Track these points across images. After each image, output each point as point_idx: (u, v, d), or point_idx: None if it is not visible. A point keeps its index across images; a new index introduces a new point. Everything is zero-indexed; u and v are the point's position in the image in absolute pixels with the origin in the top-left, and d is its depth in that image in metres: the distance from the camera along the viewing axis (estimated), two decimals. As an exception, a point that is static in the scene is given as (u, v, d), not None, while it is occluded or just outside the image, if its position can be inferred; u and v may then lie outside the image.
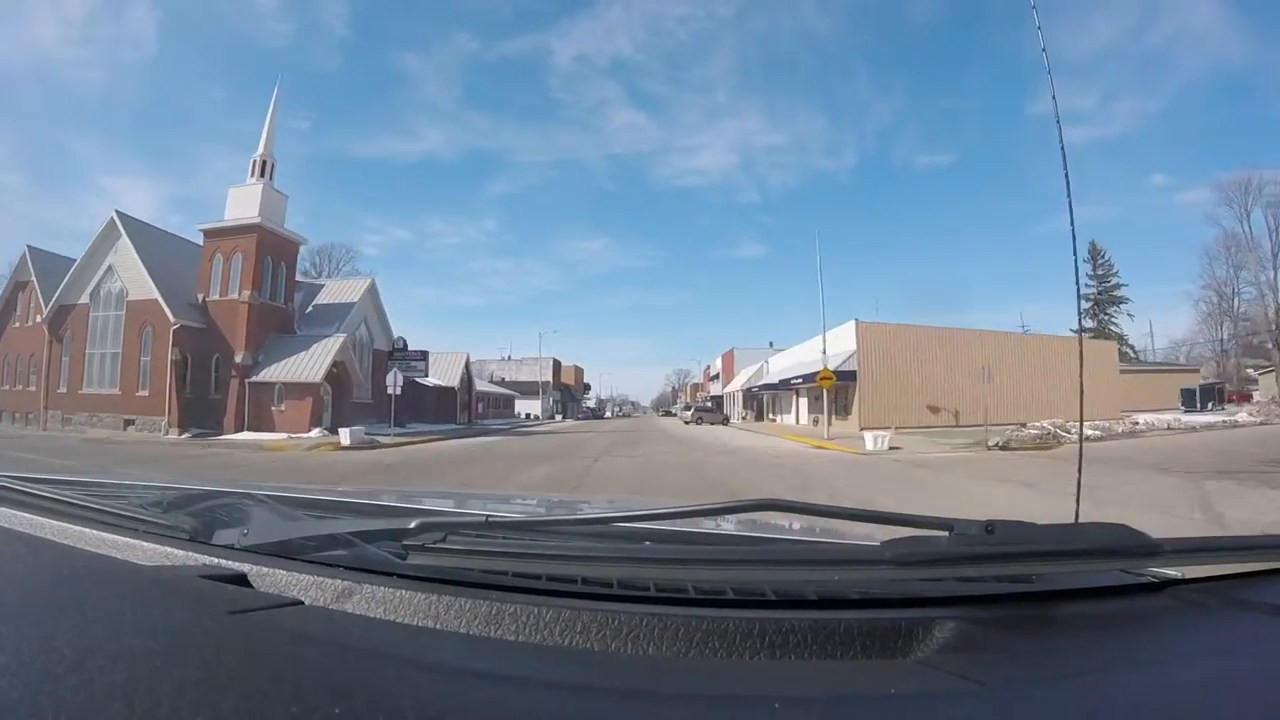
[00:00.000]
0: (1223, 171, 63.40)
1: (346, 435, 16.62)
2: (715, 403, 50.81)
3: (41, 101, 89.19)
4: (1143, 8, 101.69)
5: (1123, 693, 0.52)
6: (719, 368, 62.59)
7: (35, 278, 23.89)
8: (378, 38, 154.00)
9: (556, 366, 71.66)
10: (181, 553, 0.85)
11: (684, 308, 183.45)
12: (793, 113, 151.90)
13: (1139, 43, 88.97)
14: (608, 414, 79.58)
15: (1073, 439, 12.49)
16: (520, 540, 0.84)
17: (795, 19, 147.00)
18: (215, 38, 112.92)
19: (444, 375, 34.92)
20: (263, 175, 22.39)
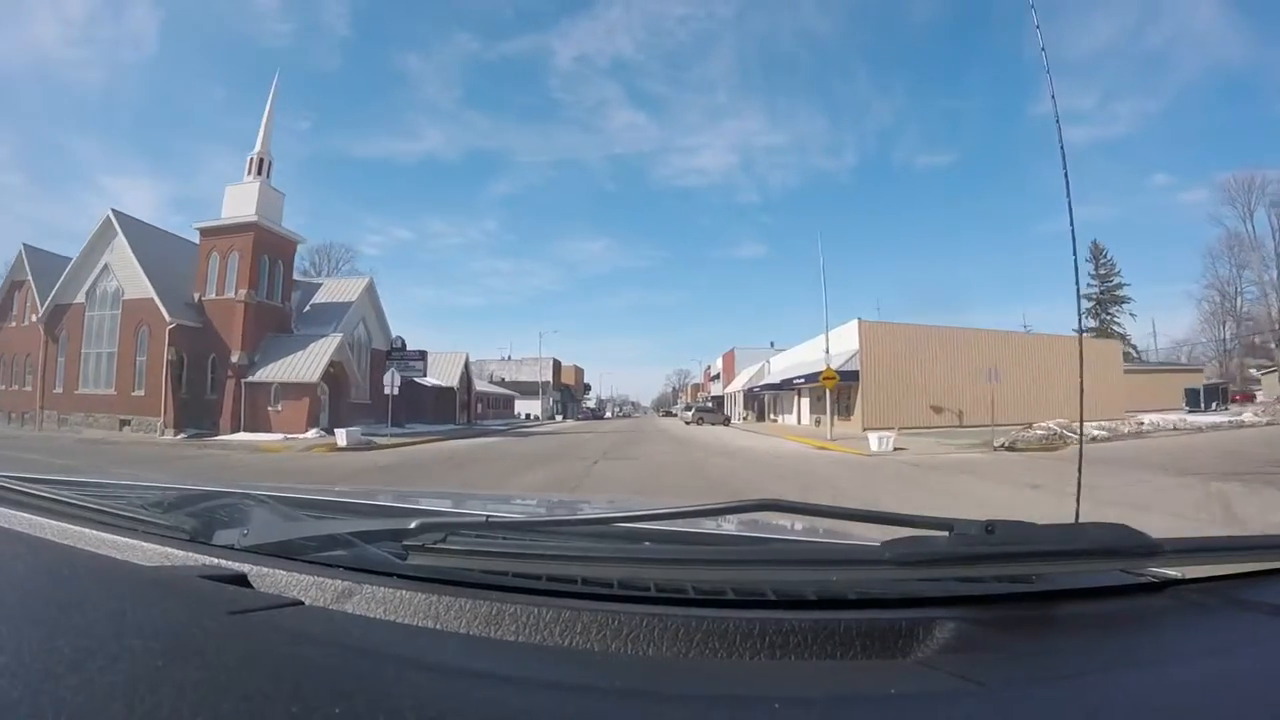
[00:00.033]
0: (1224, 171, 63.86)
1: (343, 436, 16.55)
2: (716, 403, 50.82)
3: (42, 101, 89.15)
4: (1143, 8, 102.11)
5: (1123, 693, 0.53)
6: (719, 368, 62.58)
7: (31, 277, 23.79)
8: (378, 38, 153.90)
9: (556, 367, 71.66)
10: (181, 553, 0.85)
11: (684, 308, 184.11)
12: (793, 113, 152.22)
13: (1139, 43, 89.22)
14: (608, 414, 79.55)
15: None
16: (520, 540, 0.84)
17: (795, 19, 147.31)
18: (215, 38, 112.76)
19: (443, 375, 34.88)
20: (259, 173, 22.27)
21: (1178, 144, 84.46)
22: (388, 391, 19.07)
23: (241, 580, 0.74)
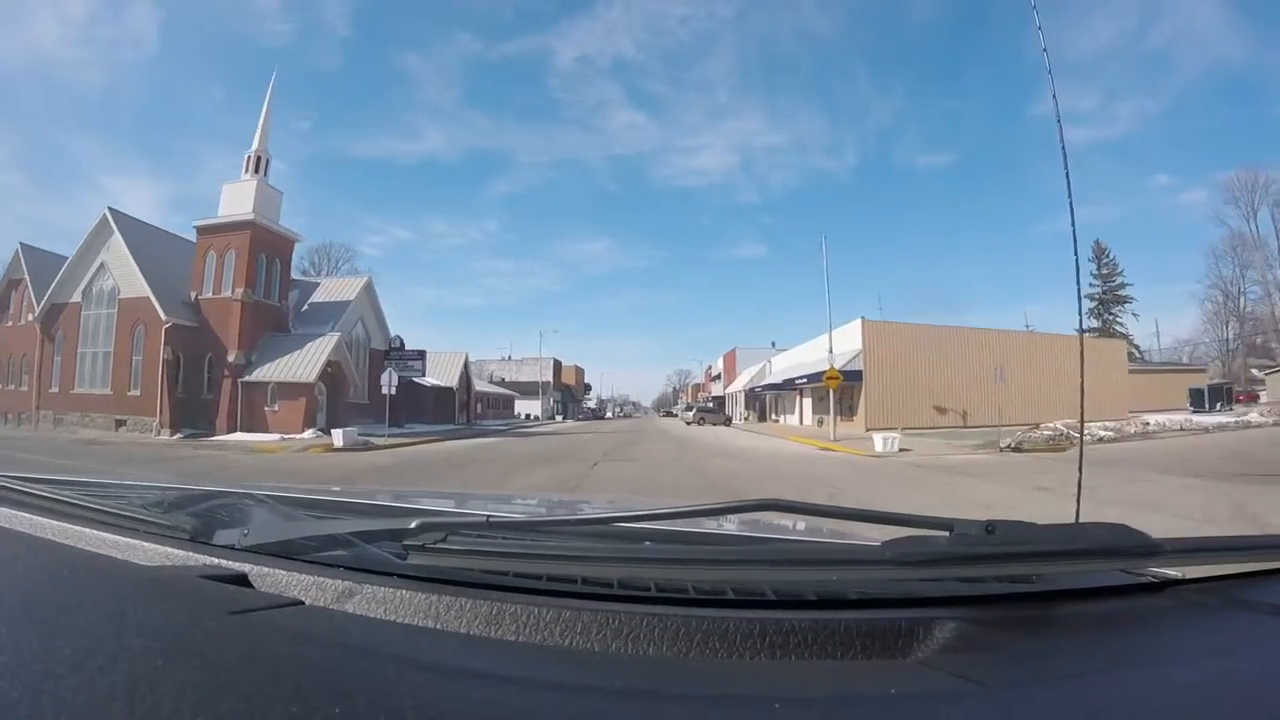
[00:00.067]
0: (1225, 171, 63.91)
1: (339, 436, 16.41)
2: (717, 403, 50.84)
3: (42, 101, 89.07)
4: (1143, 8, 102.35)
5: (1123, 693, 0.53)
6: (720, 368, 62.64)
7: (28, 276, 23.70)
8: (379, 38, 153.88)
9: (557, 367, 71.64)
10: (182, 553, 0.85)
11: (685, 308, 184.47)
12: (793, 113, 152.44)
13: (1140, 43, 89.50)
14: (608, 414, 79.62)
15: (1087, 440, 12.29)
16: (521, 540, 0.84)
17: (795, 19, 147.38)
18: (215, 38, 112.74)
19: (442, 375, 34.83)
20: (257, 171, 22.17)
21: (1179, 144, 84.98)
22: (385, 391, 19.00)
23: (242, 580, 0.74)
